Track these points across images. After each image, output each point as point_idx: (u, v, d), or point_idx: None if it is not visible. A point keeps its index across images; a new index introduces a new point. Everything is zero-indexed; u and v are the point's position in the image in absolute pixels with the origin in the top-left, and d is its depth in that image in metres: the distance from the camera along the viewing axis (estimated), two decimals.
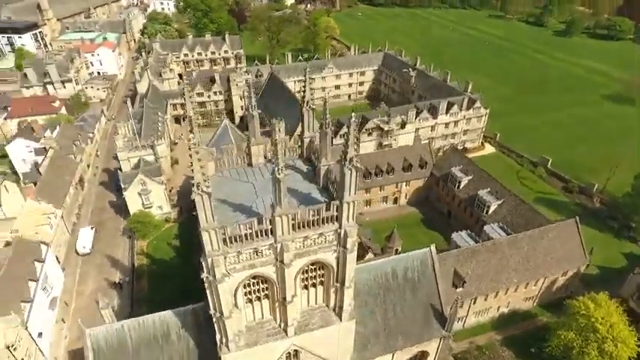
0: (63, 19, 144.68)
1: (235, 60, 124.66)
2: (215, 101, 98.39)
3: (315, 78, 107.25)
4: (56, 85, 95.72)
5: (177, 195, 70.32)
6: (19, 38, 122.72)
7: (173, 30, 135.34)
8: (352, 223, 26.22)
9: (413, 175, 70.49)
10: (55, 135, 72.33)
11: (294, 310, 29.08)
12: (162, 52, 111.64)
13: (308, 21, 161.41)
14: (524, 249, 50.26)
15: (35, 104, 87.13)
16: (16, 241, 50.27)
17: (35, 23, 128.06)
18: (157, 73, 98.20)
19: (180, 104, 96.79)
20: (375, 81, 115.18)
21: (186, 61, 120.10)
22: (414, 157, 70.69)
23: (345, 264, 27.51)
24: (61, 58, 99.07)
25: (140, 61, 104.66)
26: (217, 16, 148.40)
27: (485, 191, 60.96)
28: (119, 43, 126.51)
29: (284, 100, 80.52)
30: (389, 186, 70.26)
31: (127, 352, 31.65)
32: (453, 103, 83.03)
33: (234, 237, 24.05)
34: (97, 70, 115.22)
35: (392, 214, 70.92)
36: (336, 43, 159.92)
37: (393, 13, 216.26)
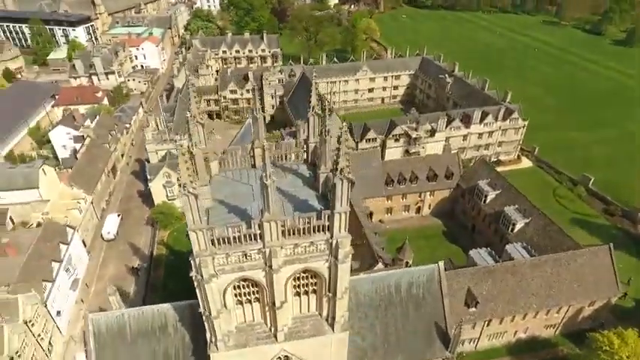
0: (114, 14, 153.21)
1: (272, 59, 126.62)
2: (247, 99, 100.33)
3: (348, 80, 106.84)
4: (100, 77, 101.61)
5: None
6: (73, 31, 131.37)
7: (215, 27, 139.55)
8: (344, 234, 25.78)
9: (438, 185, 68.46)
10: (93, 124, 76.65)
11: (285, 316, 29.05)
12: (202, 48, 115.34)
13: (349, 22, 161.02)
14: (548, 273, 47.35)
15: (80, 94, 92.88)
16: (45, 223, 53.82)
17: (88, 17, 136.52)
18: (194, 68, 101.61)
19: (214, 100, 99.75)
20: (410, 86, 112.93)
21: (224, 58, 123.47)
22: (440, 166, 68.64)
23: (336, 274, 27.11)
24: (106, 51, 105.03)
25: (180, 56, 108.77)
26: (259, 15, 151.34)
27: (512, 208, 58.06)
28: (163, 38, 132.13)
29: None
30: (412, 195, 68.67)
31: (126, 339, 32.98)
32: (488, 113, 79.76)
33: (222, 239, 24.37)
34: (141, 63, 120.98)
35: (413, 224, 69.36)
36: (376, 45, 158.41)
37: (438, 16, 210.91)
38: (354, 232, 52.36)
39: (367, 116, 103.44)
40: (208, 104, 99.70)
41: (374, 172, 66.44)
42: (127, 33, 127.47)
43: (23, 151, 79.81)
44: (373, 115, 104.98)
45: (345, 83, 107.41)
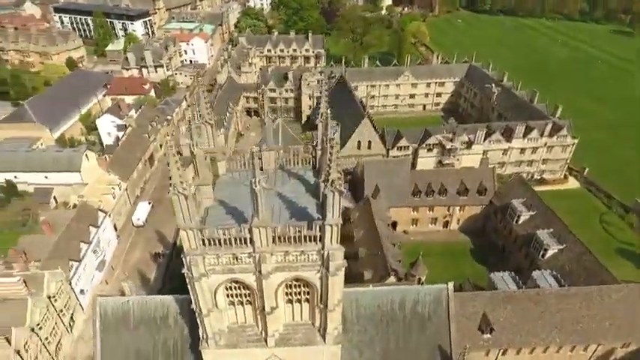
0: (171, 9, 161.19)
1: (315, 59, 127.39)
2: (286, 98, 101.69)
3: (389, 84, 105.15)
4: (150, 69, 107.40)
5: None
6: (131, 24, 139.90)
7: (263, 25, 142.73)
8: (336, 246, 25.33)
9: (469, 200, 65.62)
10: (136, 114, 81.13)
11: (276, 322, 29.11)
12: (247, 46, 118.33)
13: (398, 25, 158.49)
14: (577, 307, 43.77)
15: (129, 84, 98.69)
16: (80, 205, 57.71)
17: (147, 11, 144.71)
18: (236, 65, 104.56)
19: (254, 97, 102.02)
20: (454, 94, 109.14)
21: (268, 57, 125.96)
22: (473, 180, 65.72)
23: (327, 286, 26.75)
24: (157, 45, 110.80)
25: (225, 52, 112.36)
26: (307, 15, 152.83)
27: (546, 232, 54.34)
28: (213, 34, 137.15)
29: (347, 104, 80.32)
30: (439, 208, 66.36)
31: (129, 325, 34.57)
32: (533, 128, 75.20)
33: (212, 240, 24.82)
34: (190, 58, 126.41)
35: (439, 239, 67.05)
36: (424, 50, 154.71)
37: (496, 22, 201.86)
38: (371, 242, 51.73)
39: (406, 123, 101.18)
40: (247, 101, 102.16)
41: (401, 181, 64.90)
42: (179, 28, 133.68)
43: (73, 135, 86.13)
44: (413, 121, 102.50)
45: (385, 88, 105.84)
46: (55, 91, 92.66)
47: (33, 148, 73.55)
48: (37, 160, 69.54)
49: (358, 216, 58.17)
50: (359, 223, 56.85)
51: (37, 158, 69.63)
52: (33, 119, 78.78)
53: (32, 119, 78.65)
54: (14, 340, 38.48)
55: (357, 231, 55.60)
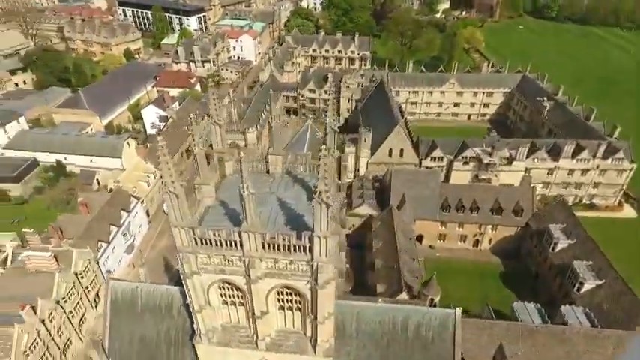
0: (226, 6, 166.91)
1: (360, 61, 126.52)
2: (325, 100, 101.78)
3: (432, 91, 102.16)
4: (197, 64, 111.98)
5: None
6: (187, 19, 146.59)
7: (311, 25, 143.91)
8: (326, 259, 24.94)
9: (503, 220, 62.22)
10: (178, 107, 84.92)
11: (266, 326, 29.27)
12: (293, 45, 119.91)
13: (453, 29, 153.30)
14: (608, 351, 40.18)
15: (176, 78, 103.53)
16: (115, 190, 61.37)
17: (202, 8, 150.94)
18: (279, 64, 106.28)
19: (293, 97, 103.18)
20: (503, 105, 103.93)
21: (313, 57, 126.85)
22: (509, 199, 62.25)
23: (316, 298, 26.46)
24: (206, 41, 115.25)
25: (270, 51, 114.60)
26: (357, 16, 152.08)
27: (584, 264, 50.20)
28: (262, 32, 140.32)
29: (383, 109, 79.01)
30: (470, 225, 63.49)
31: (136, 310, 36.22)
32: (584, 148, 69.77)
33: (203, 239, 25.38)
34: (238, 55, 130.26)
35: (467, 258, 64.19)
36: (478, 57, 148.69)
37: (562, 30, 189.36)
38: (388, 254, 50.57)
39: (448, 132, 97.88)
40: (287, 100, 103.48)
41: (430, 193, 62.87)
42: (230, 25, 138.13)
43: (121, 123, 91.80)
44: (455, 131, 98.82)
45: (428, 94, 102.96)
46: (108, 81, 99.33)
47: (83, 132, 79.22)
48: (85, 144, 74.91)
49: (379, 225, 57.09)
50: (379, 233, 55.79)
51: (85, 142, 75.00)
52: (85, 106, 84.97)
53: (85, 106, 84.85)
54: (40, 310, 41.67)
55: (376, 241, 54.59)
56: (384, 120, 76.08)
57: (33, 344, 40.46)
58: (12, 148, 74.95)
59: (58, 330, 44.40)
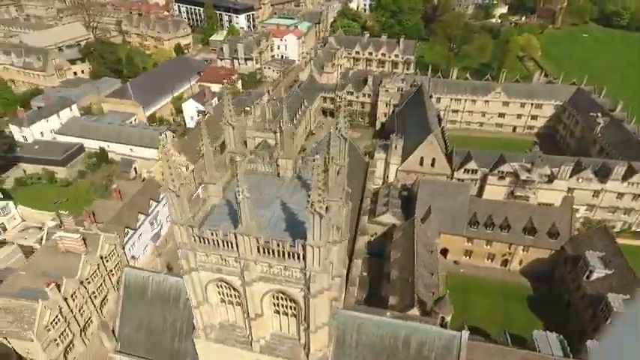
0: (275, 5, 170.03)
1: (403, 65, 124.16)
2: (362, 103, 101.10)
3: (476, 100, 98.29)
4: (240, 61, 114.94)
5: None
6: (236, 17, 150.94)
7: (357, 27, 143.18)
8: (319, 269, 24.67)
9: (536, 241, 58.72)
10: (216, 102, 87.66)
11: (261, 329, 29.48)
12: (336, 46, 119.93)
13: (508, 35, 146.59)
14: None
15: (219, 74, 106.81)
16: (147, 180, 64.40)
17: (252, 6, 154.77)
18: (320, 65, 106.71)
19: (331, 98, 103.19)
20: (553, 118, 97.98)
21: (356, 59, 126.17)
22: (544, 220, 58.66)
23: (308, 307, 26.28)
24: (251, 39, 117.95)
25: (312, 51, 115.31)
26: (406, 19, 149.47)
27: (620, 297, 46.25)
28: (308, 32, 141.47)
29: (418, 116, 77.05)
30: (499, 244, 60.46)
31: (146, 298, 37.86)
32: (637, 171, 64.20)
33: (201, 238, 25.96)
34: (281, 54, 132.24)
35: (494, 277, 61.29)
36: (532, 65, 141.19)
37: (632, 40, 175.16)
38: (405, 266, 49.33)
39: (490, 143, 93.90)
40: (324, 101, 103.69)
41: (458, 206, 60.57)
42: (276, 24, 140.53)
43: (163, 115, 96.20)
44: (497, 143, 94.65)
45: (472, 103, 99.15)
46: (155, 74, 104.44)
47: (126, 122, 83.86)
48: (127, 133, 79.26)
49: (400, 236, 55.84)
50: (399, 244, 54.57)
51: (127, 132, 79.34)
52: (131, 97, 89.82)
53: (131, 97, 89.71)
54: (64, 288, 44.61)
55: (394, 251, 53.45)
56: (418, 127, 74.22)
57: (55, 320, 43.36)
58: (62, 133, 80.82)
59: (80, 309, 47.28)
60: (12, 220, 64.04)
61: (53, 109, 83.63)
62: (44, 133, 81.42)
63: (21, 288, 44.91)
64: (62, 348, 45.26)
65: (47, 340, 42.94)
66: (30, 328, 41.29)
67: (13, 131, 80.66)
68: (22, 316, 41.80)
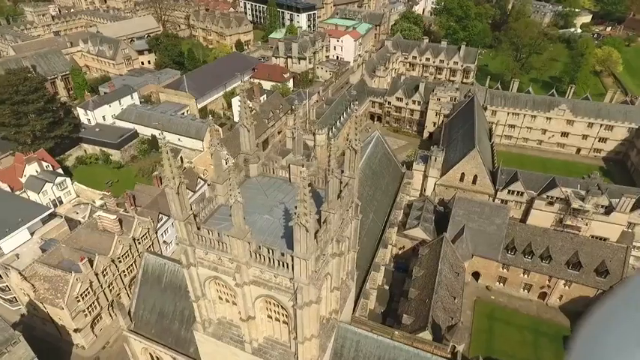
0: (338, 5, 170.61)
1: (462, 73, 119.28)
2: (411, 110, 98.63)
3: (536, 116, 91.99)
4: (293, 60, 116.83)
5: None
6: (297, 16, 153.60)
7: (418, 30, 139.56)
8: (306, 281, 24.51)
9: (580, 277, 53.93)
10: (263, 100, 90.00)
11: (254, 331, 29.93)
12: (392, 50, 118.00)
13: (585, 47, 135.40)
14: None
15: (271, 72, 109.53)
16: (187, 169, 67.76)
17: (313, 6, 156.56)
18: (372, 68, 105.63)
19: (379, 103, 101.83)
20: (626, 143, 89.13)
21: (412, 64, 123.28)
22: (593, 255, 53.71)
23: (295, 318, 26.27)
24: (306, 39, 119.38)
25: (366, 54, 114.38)
26: (471, 25, 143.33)
27: None
28: (366, 34, 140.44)
29: (465, 129, 73.64)
30: (538, 274, 56.24)
31: (160, 285, 39.99)
32: None
33: (199, 236, 26.87)
34: (337, 54, 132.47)
35: (529, 310, 57.28)
36: (612, 82, 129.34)
37: None
38: (425, 285, 47.62)
39: (547, 164, 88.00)
40: (373, 105, 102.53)
41: (495, 229, 57.21)
42: (335, 25, 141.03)
43: (214, 109, 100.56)
44: (556, 165, 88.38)
45: (531, 119, 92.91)
46: (211, 68, 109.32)
47: (178, 113, 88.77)
48: (177, 123, 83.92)
49: (426, 253, 53.96)
50: (423, 261, 52.75)
51: (176, 122, 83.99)
52: (186, 89, 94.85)
53: (185, 89, 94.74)
54: (95, 264, 48.38)
55: (417, 269, 51.75)
56: (462, 140, 71.03)
57: (84, 293, 47.17)
58: (121, 118, 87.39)
59: (110, 285, 51.00)
60: (67, 194, 70.39)
61: (116, 95, 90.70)
62: (106, 117, 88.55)
63: (60, 260, 49.41)
64: (90, 319, 49.18)
65: (76, 310, 46.86)
66: (62, 297, 45.29)
67: (79, 114, 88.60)
68: (57, 285, 45.95)
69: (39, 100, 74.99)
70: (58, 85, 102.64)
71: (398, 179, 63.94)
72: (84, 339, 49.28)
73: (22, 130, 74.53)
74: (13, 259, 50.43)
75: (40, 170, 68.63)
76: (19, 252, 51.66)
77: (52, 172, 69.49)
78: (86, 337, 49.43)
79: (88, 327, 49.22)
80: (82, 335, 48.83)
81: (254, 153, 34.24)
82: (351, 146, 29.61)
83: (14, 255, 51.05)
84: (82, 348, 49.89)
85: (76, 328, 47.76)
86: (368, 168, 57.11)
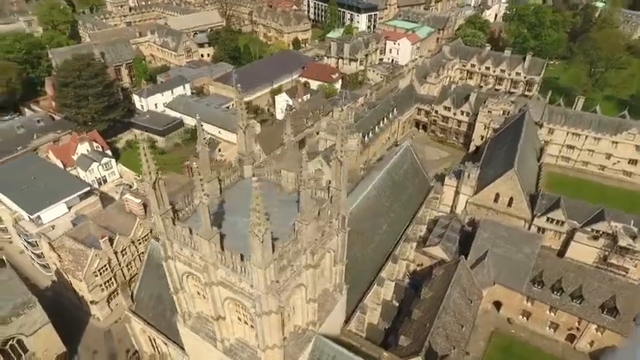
0: (402, 7, 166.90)
1: (525, 85, 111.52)
2: (459, 121, 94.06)
3: (600, 138, 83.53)
4: (345, 61, 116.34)
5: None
6: (357, 16, 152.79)
7: (482, 37, 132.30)
8: (263, 290, 24.41)
9: (615, 324, 48.41)
10: (304, 100, 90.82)
11: (225, 331, 30.46)
12: (449, 56, 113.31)
13: None
14: None
15: (320, 71, 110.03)
16: (216, 162, 70.33)
17: (375, 6, 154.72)
18: (423, 74, 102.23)
19: (426, 111, 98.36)
20: None
21: (470, 72, 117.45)
22: (635, 303, 47.86)
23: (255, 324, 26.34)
24: (360, 40, 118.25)
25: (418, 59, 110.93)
26: (545, 34, 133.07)
27: None
28: (426, 38, 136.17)
29: (508, 146, 68.78)
30: (566, 314, 51.22)
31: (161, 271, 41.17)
32: None
33: (174, 231, 27.80)
34: (392, 57, 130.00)
35: (553, 351, 52.62)
36: None
37: None
38: (430, 308, 45.59)
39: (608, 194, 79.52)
40: (419, 113, 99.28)
41: (522, 258, 53.06)
42: (394, 26, 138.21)
43: (259, 104, 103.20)
44: (618, 195, 79.74)
45: (594, 141, 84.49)
46: (261, 64, 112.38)
47: (222, 106, 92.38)
48: (219, 116, 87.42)
49: (440, 274, 51.40)
50: (434, 282, 50.43)
51: (219, 115, 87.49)
52: (233, 83, 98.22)
53: (232, 83, 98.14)
54: (115, 243, 51.98)
55: (426, 290, 49.53)
56: (503, 158, 66.53)
57: (102, 268, 50.89)
58: (170, 107, 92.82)
59: (128, 264, 54.50)
60: (112, 174, 76.26)
61: (169, 85, 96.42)
62: (158, 105, 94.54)
63: (87, 235, 53.70)
64: (106, 294, 53.01)
65: (93, 284, 50.75)
66: (81, 270, 49.23)
67: (135, 100, 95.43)
68: (79, 258, 50.04)
69: (98, 85, 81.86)
70: (122, 72, 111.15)
71: (423, 193, 61.36)
72: (99, 311, 53.27)
73: (81, 111, 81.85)
74: (49, 229, 55.69)
75: (90, 150, 74.96)
76: (55, 223, 56.94)
77: (100, 153, 75.62)
78: (101, 310, 53.37)
79: (104, 301, 53.09)
80: (97, 307, 52.82)
81: (249, 154, 34.73)
82: (337, 157, 28.98)
83: (51, 226, 56.36)
84: (98, 319, 53.97)
85: (92, 300, 51.75)
86: (389, 178, 55.46)
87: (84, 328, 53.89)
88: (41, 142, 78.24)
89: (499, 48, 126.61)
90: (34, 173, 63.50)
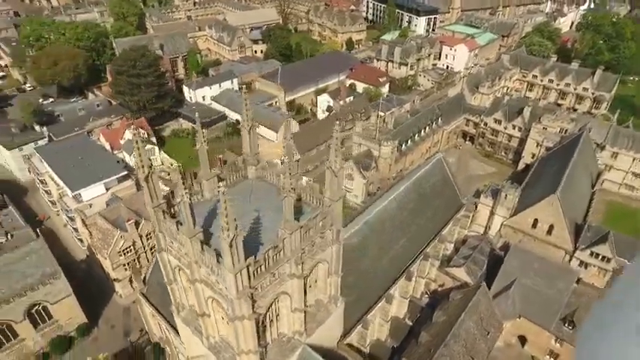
0: (466, 11, 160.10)
1: (592, 102, 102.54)
2: (510, 135, 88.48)
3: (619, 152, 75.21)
4: (394, 65, 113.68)
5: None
6: (416, 19, 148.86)
7: (550, 46, 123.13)
8: (234, 295, 24.28)
9: None
10: (346, 102, 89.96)
11: (209, 327, 30.86)
12: (508, 65, 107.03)
13: None
14: None
15: (367, 74, 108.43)
16: None
17: (435, 9, 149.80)
18: (475, 83, 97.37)
19: (474, 123, 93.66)
20: None
21: (530, 83, 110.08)
22: None
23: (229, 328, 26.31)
24: (412, 44, 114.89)
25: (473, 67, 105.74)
26: (623, 46, 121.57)
27: None
28: (487, 45, 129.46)
29: (556, 168, 63.40)
30: None
31: None
32: None
33: (165, 225, 28.48)
34: (448, 63, 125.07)
35: None
36: None
37: None
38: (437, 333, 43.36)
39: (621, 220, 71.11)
40: (467, 124, 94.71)
41: (554, 293, 48.75)
42: (453, 31, 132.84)
43: (303, 103, 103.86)
44: None
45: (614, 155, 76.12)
46: (310, 63, 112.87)
47: (264, 103, 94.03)
48: (259, 112, 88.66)
49: (458, 298, 48.59)
50: (450, 307, 47.75)
51: (259, 111, 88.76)
52: (278, 81, 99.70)
53: (277, 80, 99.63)
54: (141, 227, 54.68)
55: (439, 313, 47.06)
56: (548, 181, 61.49)
57: (127, 250, 53.76)
58: (216, 101, 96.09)
59: (152, 248, 57.06)
60: (154, 161, 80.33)
61: (218, 79, 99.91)
62: (205, 97, 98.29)
63: (118, 216, 56.98)
64: (129, 273, 55.88)
65: (117, 263, 53.76)
66: (107, 248, 52.35)
67: (185, 91, 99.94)
68: (107, 237, 53.26)
69: (150, 75, 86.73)
70: (178, 64, 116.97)
71: (453, 209, 58.26)
72: (122, 289, 56.44)
73: (133, 99, 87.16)
74: (87, 207, 59.83)
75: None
76: (93, 202, 61.08)
77: (144, 139, 79.95)
78: (123, 289, 56.47)
79: (126, 280, 56.09)
80: (120, 285, 55.99)
81: (254, 155, 34.79)
82: (330, 167, 28.17)
83: (89, 204, 60.52)
84: (120, 296, 57.23)
85: (115, 278, 54.89)
86: (414, 190, 53.27)
87: (107, 303, 57.48)
88: (95, 125, 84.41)
89: (568, 59, 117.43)
90: (82, 153, 68.57)
